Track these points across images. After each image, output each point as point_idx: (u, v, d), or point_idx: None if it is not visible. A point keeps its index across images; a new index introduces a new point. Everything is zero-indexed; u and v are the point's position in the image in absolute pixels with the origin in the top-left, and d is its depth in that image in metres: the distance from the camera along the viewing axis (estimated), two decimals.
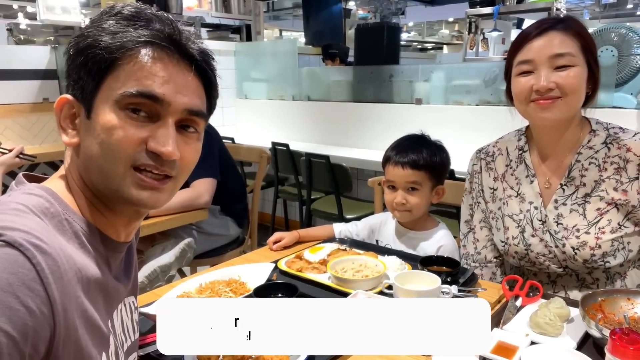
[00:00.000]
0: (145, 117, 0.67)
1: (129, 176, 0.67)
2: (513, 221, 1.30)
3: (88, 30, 0.67)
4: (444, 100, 3.44)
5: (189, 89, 0.70)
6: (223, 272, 1.26)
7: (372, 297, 1.11)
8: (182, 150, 0.70)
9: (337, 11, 5.93)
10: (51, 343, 0.56)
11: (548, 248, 1.24)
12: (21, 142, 3.66)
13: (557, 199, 1.24)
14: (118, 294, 0.74)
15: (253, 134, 4.54)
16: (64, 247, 0.60)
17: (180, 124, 0.70)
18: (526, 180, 1.29)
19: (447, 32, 11.52)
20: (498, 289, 1.20)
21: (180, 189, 2.22)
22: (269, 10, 7.84)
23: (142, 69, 0.65)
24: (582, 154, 1.22)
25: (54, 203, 0.64)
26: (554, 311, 1.00)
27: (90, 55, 0.65)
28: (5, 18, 7.31)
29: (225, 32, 5.01)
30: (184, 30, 0.70)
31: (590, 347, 0.95)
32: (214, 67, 0.75)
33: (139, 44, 0.66)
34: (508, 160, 1.34)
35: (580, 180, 1.22)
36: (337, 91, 4.17)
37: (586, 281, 1.26)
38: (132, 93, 0.65)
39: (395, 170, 1.47)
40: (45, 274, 0.55)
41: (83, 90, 0.66)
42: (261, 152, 2.55)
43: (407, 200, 1.46)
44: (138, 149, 0.66)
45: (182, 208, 1.95)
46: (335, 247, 1.45)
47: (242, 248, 2.40)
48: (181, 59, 0.69)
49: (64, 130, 0.69)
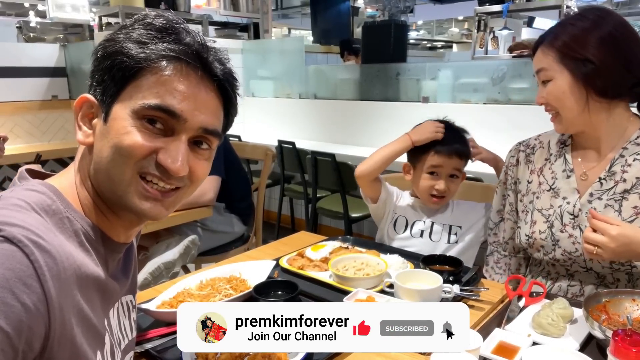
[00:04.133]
0: (160, 130, 0.67)
1: (134, 184, 0.67)
2: (542, 215, 1.27)
3: (118, 35, 0.67)
4: (451, 99, 3.42)
5: (208, 107, 0.70)
6: (224, 269, 1.26)
7: (372, 296, 1.10)
8: (192, 164, 0.70)
9: (345, 9, 5.92)
10: (46, 340, 0.55)
11: (576, 245, 1.20)
12: (30, 139, 3.71)
13: (592, 192, 1.20)
14: (115, 293, 0.74)
15: (259, 131, 4.55)
16: (63, 245, 0.60)
17: (193, 140, 0.71)
18: (562, 175, 1.26)
19: (456, 31, 11.46)
20: (501, 289, 1.18)
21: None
22: (277, 8, 7.84)
23: (165, 83, 0.66)
24: (628, 149, 1.18)
25: (56, 200, 0.65)
26: (557, 312, 0.98)
27: (116, 61, 0.65)
28: (17, 16, 7.39)
29: (233, 30, 5.03)
30: (211, 48, 0.71)
31: (594, 348, 0.94)
32: (236, 87, 0.75)
33: (165, 58, 0.66)
34: (548, 154, 1.32)
35: (621, 175, 1.17)
36: (343, 89, 4.16)
37: (606, 279, 1.22)
38: (151, 105, 0.65)
39: (442, 158, 1.48)
40: (42, 271, 0.55)
41: (104, 93, 0.67)
42: (266, 150, 2.55)
43: (449, 187, 1.50)
44: (148, 157, 0.67)
45: (187, 205, 1.95)
46: (337, 245, 1.44)
47: (246, 246, 2.41)
48: (205, 76, 0.69)
49: (80, 128, 0.70)
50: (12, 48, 3.70)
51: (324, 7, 5.98)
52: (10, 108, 3.59)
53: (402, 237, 1.56)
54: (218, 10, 5.25)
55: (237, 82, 0.75)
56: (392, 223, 1.59)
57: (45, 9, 4.05)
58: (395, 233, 1.58)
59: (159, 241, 2.05)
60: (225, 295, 1.11)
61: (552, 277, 1.29)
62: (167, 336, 0.96)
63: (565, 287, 1.26)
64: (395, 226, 1.58)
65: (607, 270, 1.20)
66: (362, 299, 1.09)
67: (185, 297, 1.09)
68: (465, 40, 11.07)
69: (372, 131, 3.71)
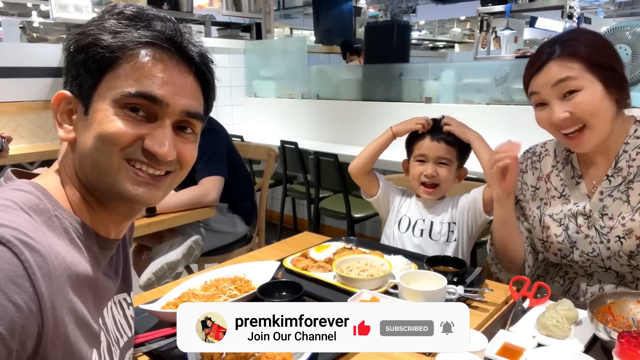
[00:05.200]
0: (143, 117, 0.67)
1: (124, 169, 0.67)
2: (554, 221, 1.28)
3: (89, 28, 0.67)
4: (453, 99, 3.41)
5: (188, 91, 0.70)
6: (228, 270, 1.26)
7: (376, 297, 1.10)
8: (180, 148, 0.71)
9: (347, 9, 5.92)
10: (39, 340, 0.55)
11: (592, 245, 1.21)
12: (33, 139, 3.71)
13: (602, 190, 1.21)
14: (108, 291, 0.74)
15: (262, 132, 4.55)
16: (53, 244, 0.60)
17: (177, 125, 0.71)
18: (572, 182, 1.27)
19: (458, 31, 11.45)
20: (505, 290, 1.18)
21: (187, 186, 2.22)
22: (279, 8, 7.85)
23: (142, 69, 0.66)
24: (630, 144, 1.19)
25: (43, 199, 0.64)
26: (561, 313, 0.98)
27: (90, 53, 0.65)
28: (19, 16, 7.41)
29: (236, 31, 5.02)
30: (184, 32, 0.71)
31: (599, 350, 0.93)
32: (213, 70, 0.75)
33: (140, 45, 0.66)
34: (555, 161, 1.32)
35: (627, 170, 1.18)
36: (346, 89, 4.16)
37: (626, 278, 1.22)
38: (131, 93, 0.65)
39: (428, 143, 1.50)
40: (33, 270, 0.55)
41: (81, 87, 0.67)
42: (269, 150, 2.55)
43: (438, 172, 1.49)
44: (134, 144, 0.67)
45: (190, 205, 1.95)
46: (341, 246, 1.45)
47: (249, 246, 2.41)
48: (181, 61, 0.69)
49: (60, 125, 0.70)
50: (15, 48, 3.70)
51: (326, 8, 5.98)
52: (13, 108, 3.59)
53: (404, 235, 1.57)
54: (220, 11, 5.25)
55: (213, 65, 0.75)
56: (397, 223, 1.60)
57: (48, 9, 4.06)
58: (400, 233, 1.59)
59: (163, 241, 2.06)
60: (230, 296, 1.11)
61: (570, 277, 1.30)
62: (172, 336, 0.96)
63: (585, 287, 1.26)
64: (399, 226, 1.59)
65: (626, 269, 1.20)
66: (366, 299, 1.09)
67: (190, 298, 1.09)
68: (467, 40, 11.06)
69: (375, 131, 3.67)
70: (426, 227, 1.55)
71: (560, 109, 1.11)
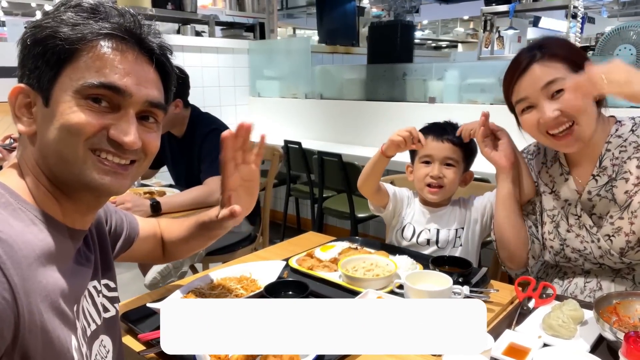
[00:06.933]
0: (106, 107, 0.68)
1: (89, 159, 0.68)
2: (547, 217, 1.32)
3: (45, 21, 0.67)
4: (457, 99, 3.41)
5: (149, 81, 0.72)
6: (234, 269, 1.26)
7: (382, 297, 1.11)
8: (144, 137, 0.72)
9: (350, 9, 5.90)
10: (17, 329, 0.56)
11: (584, 244, 1.25)
12: None
13: (590, 190, 1.24)
14: (81, 279, 0.74)
15: (266, 132, 4.54)
16: (22, 233, 0.61)
17: (140, 115, 0.72)
18: (560, 179, 1.30)
19: (462, 30, 11.42)
20: (510, 290, 1.18)
21: (192, 186, 2.21)
22: (283, 8, 7.83)
23: (103, 61, 0.67)
24: (612, 142, 1.21)
25: (5, 194, 0.65)
26: (567, 313, 0.99)
27: (49, 45, 0.65)
28: (23, 16, 7.44)
29: (239, 30, 5.03)
30: (144, 24, 0.72)
31: (604, 350, 0.94)
32: (172, 61, 0.77)
33: (99, 36, 0.67)
34: (544, 158, 1.36)
35: (612, 169, 1.21)
36: (350, 89, 4.16)
37: (622, 272, 1.25)
38: (94, 84, 0.66)
39: (434, 144, 1.48)
40: (2, 260, 0.55)
41: (40, 79, 0.67)
42: (273, 150, 2.56)
43: (444, 173, 1.48)
44: (98, 134, 0.68)
45: (195, 205, 1.96)
46: (346, 246, 1.45)
47: (253, 245, 2.42)
48: (141, 52, 0.70)
49: (19, 119, 0.69)
50: None
51: (330, 7, 5.97)
52: None
53: (408, 244, 1.56)
54: (224, 11, 5.26)
55: (172, 56, 0.77)
56: (400, 230, 1.58)
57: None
58: (403, 239, 1.57)
59: None
60: (236, 295, 1.11)
61: (569, 276, 1.32)
62: None
63: (582, 284, 1.29)
64: (402, 233, 1.57)
65: (619, 265, 1.23)
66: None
67: (197, 297, 1.10)
68: (470, 40, 11.03)
69: (379, 131, 3.71)
70: (432, 237, 1.52)
71: (550, 108, 1.14)
